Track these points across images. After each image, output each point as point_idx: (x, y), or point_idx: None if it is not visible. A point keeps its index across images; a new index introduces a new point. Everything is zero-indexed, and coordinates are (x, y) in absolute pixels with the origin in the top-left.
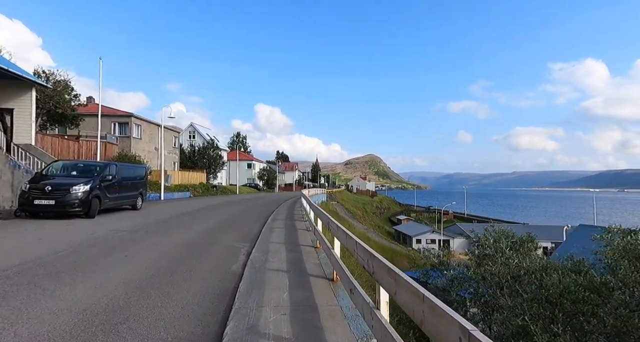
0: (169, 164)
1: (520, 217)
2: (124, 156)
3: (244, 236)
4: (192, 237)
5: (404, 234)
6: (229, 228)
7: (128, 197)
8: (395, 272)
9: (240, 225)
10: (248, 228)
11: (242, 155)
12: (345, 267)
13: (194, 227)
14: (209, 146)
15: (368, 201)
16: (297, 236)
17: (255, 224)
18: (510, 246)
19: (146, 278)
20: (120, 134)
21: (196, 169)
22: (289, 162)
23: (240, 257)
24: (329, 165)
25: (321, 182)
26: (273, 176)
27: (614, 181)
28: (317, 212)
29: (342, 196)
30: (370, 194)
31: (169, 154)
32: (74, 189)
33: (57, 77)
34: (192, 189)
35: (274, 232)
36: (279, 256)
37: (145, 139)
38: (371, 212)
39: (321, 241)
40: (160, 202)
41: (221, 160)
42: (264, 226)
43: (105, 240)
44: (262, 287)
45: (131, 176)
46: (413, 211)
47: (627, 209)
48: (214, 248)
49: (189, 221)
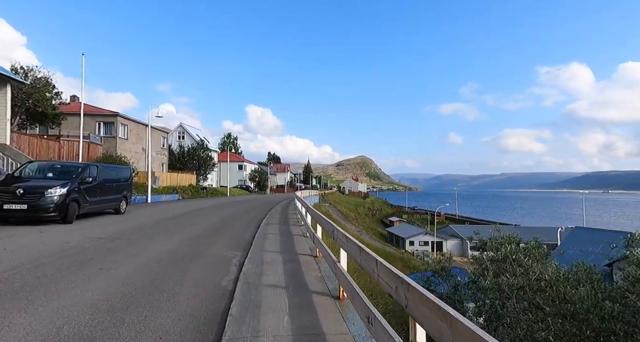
0: (157, 165)
1: (509, 218)
2: (109, 157)
3: (236, 244)
4: (179, 246)
5: (397, 236)
6: (219, 234)
7: (111, 201)
8: (450, 314)
9: (231, 230)
10: (240, 234)
11: (233, 157)
12: (357, 287)
13: (180, 234)
14: (198, 147)
15: (360, 202)
16: (293, 243)
17: (248, 229)
18: (523, 253)
19: (120, 298)
20: (106, 134)
21: (186, 170)
22: (281, 163)
23: (231, 269)
24: (321, 167)
25: (313, 183)
26: (264, 177)
27: (598, 182)
28: (317, 217)
29: (334, 198)
30: (362, 195)
31: (157, 155)
32: (50, 192)
33: (37, 74)
34: (181, 191)
35: (268, 239)
36: (275, 268)
37: (132, 140)
38: (363, 213)
39: (322, 250)
40: (146, 205)
41: (211, 162)
42: (256, 231)
43: (79, 250)
44: (257, 309)
45: (114, 177)
46: (405, 212)
47: (611, 211)
48: (202, 258)
49: (176, 226)
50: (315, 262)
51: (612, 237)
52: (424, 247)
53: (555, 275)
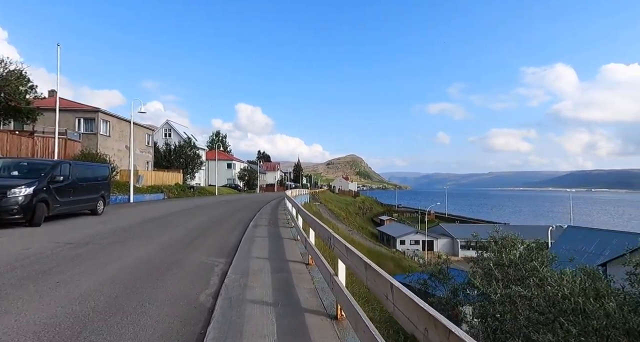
0: (142, 163)
1: (497, 217)
2: (88, 155)
3: (220, 249)
4: (156, 252)
5: (388, 235)
6: (202, 238)
7: (86, 201)
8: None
9: (215, 233)
10: (225, 238)
11: (222, 155)
12: (361, 311)
13: (160, 238)
14: (185, 145)
15: (351, 201)
16: (283, 247)
17: (234, 232)
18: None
19: (72, 323)
20: (86, 131)
21: (172, 169)
22: (271, 162)
23: (212, 280)
24: (311, 166)
25: (303, 182)
26: (254, 176)
27: (582, 181)
28: (310, 220)
29: (325, 197)
30: (353, 194)
31: (141, 153)
32: (13, 193)
33: (9, 66)
34: (166, 190)
35: (255, 243)
36: (262, 279)
37: (114, 137)
38: (354, 212)
39: (315, 258)
40: (128, 205)
41: (199, 160)
42: (243, 234)
43: (39, 258)
44: (239, 334)
45: (90, 176)
46: (395, 211)
47: (595, 209)
48: (180, 267)
49: (156, 229)
50: (307, 271)
51: (604, 237)
52: (415, 247)
53: (572, 285)
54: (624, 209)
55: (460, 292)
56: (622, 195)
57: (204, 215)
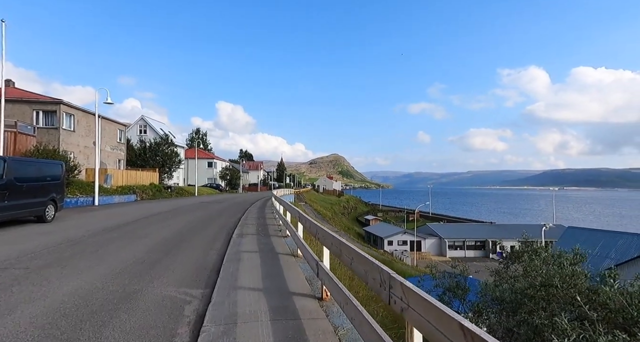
0: (113, 161)
1: (477, 215)
2: (43, 151)
3: (195, 272)
4: (103, 280)
5: (375, 236)
6: (173, 254)
7: (29, 206)
8: None
9: (191, 247)
10: (202, 254)
11: (202, 153)
12: None
13: (116, 255)
14: (162, 142)
15: (335, 200)
16: (280, 268)
17: (215, 244)
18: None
19: None
20: (46, 125)
21: (147, 168)
22: (254, 161)
23: (179, 332)
24: (294, 165)
25: (287, 181)
26: (236, 175)
27: (555, 179)
28: (322, 234)
29: (310, 196)
30: (337, 193)
31: (112, 150)
32: None
33: None
34: (140, 191)
35: (242, 263)
36: (258, 333)
37: (80, 132)
38: (339, 212)
39: (333, 290)
40: (90, 209)
41: (177, 158)
42: (227, 247)
43: None
44: None
45: (36, 175)
46: (379, 210)
47: (567, 207)
48: (131, 310)
49: (114, 242)
50: (323, 311)
51: (608, 238)
52: (403, 247)
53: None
54: (594, 207)
55: (489, 313)
56: (591, 193)
57: (179, 221)
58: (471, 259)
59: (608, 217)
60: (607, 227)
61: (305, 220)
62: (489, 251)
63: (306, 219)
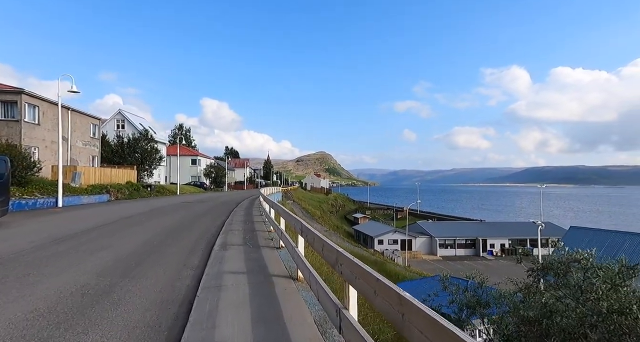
0: (85, 158)
1: (462, 212)
2: None
3: (155, 314)
4: (27, 322)
5: (365, 235)
6: (132, 279)
7: None
8: None
9: (159, 265)
10: (172, 276)
11: (185, 150)
12: None
13: (54, 280)
14: (141, 137)
15: (323, 198)
16: (277, 303)
17: (190, 259)
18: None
19: None
20: (5, 117)
21: (125, 165)
22: (240, 158)
23: None
24: (280, 162)
25: (274, 179)
26: (222, 173)
27: (536, 176)
28: (349, 264)
29: (298, 195)
30: (325, 191)
31: (84, 146)
32: None
33: None
34: (114, 190)
35: (224, 295)
36: None
37: (46, 125)
38: (328, 211)
39: None
40: (50, 212)
41: (157, 155)
42: (205, 266)
43: None
44: None
45: None
46: (367, 208)
47: (548, 204)
48: None
49: (60, 259)
50: None
51: (613, 238)
52: (394, 246)
53: None
54: (573, 203)
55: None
56: (570, 189)
57: (152, 226)
58: (462, 257)
59: (587, 213)
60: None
61: (309, 233)
62: (480, 249)
63: (311, 234)
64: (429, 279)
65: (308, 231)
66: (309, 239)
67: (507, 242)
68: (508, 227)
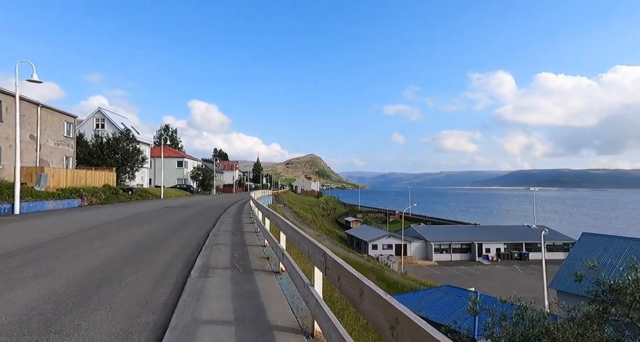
0: (58, 159)
1: (451, 214)
2: None
3: None
4: None
5: (358, 239)
6: (56, 335)
7: None
8: None
9: (102, 312)
10: (123, 329)
11: (171, 151)
12: None
13: None
14: (122, 137)
15: (314, 201)
16: None
17: (155, 294)
18: None
19: None
20: None
21: (104, 167)
22: (229, 161)
23: None
24: (270, 165)
25: (263, 182)
26: (209, 175)
27: (521, 179)
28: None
29: (288, 198)
30: (316, 194)
31: (57, 146)
32: None
33: None
34: (88, 194)
35: None
36: None
37: (10, 122)
38: (319, 214)
39: None
40: (1, 220)
41: (140, 156)
42: (171, 315)
43: None
44: None
45: None
46: (358, 211)
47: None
48: None
49: None
50: None
51: (632, 246)
52: (388, 251)
53: None
54: (557, 206)
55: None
56: (554, 192)
57: (118, 239)
58: (457, 262)
59: (572, 215)
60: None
61: (340, 271)
62: (475, 253)
63: (346, 273)
64: (433, 290)
65: (339, 268)
66: (339, 281)
67: (503, 246)
68: (503, 231)
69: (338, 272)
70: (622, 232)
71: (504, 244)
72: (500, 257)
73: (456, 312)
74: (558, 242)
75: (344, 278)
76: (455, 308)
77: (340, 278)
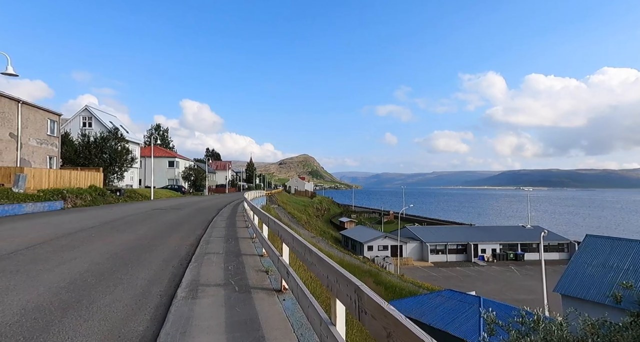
0: (41, 158)
1: (443, 214)
2: None
3: None
4: None
5: (353, 240)
6: None
7: None
8: None
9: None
10: None
11: (162, 151)
12: None
13: None
14: (110, 136)
15: (308, 202)
16: None
17: (125, 332)
18: None
19: None
20: None
21: (90, 167)
22: (221, 160)
23: None
24: (263, 165)
25: (256, 182)
26: (202, 176)
27: (512, 180)
28: None
29: (282, 198)
30: (310, 194)
31: (40, 145)
32: None
33: None
34: (72, 196)
35: None
36: None
37: None
38: (313, 215)
39: None
40: None
41: (129, 156)
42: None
43: None
44: None
45: None
46: (352, 211)
47: (523, 205)
48: None
49: None
50: None
51: (637, 248)
52: (384, 253)
53: None
54: (547, 206)
55: None
56: (544, 192)
57: (96, 249)
58: (453, 263)
59: (562, 215)
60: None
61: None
62: (471, 254)
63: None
64: (434, 295)
65: (394, 323)
66: (388, 339)
67: (498, 246)
68: (498, 231)
69: (387, 326)
70: (611, 231)
71: (499, 244)
72: (495, 258)
73: (459, 318)
74: (553, 242)
75: (400, 338)
76: (458, 314)
77: (392, 336)
